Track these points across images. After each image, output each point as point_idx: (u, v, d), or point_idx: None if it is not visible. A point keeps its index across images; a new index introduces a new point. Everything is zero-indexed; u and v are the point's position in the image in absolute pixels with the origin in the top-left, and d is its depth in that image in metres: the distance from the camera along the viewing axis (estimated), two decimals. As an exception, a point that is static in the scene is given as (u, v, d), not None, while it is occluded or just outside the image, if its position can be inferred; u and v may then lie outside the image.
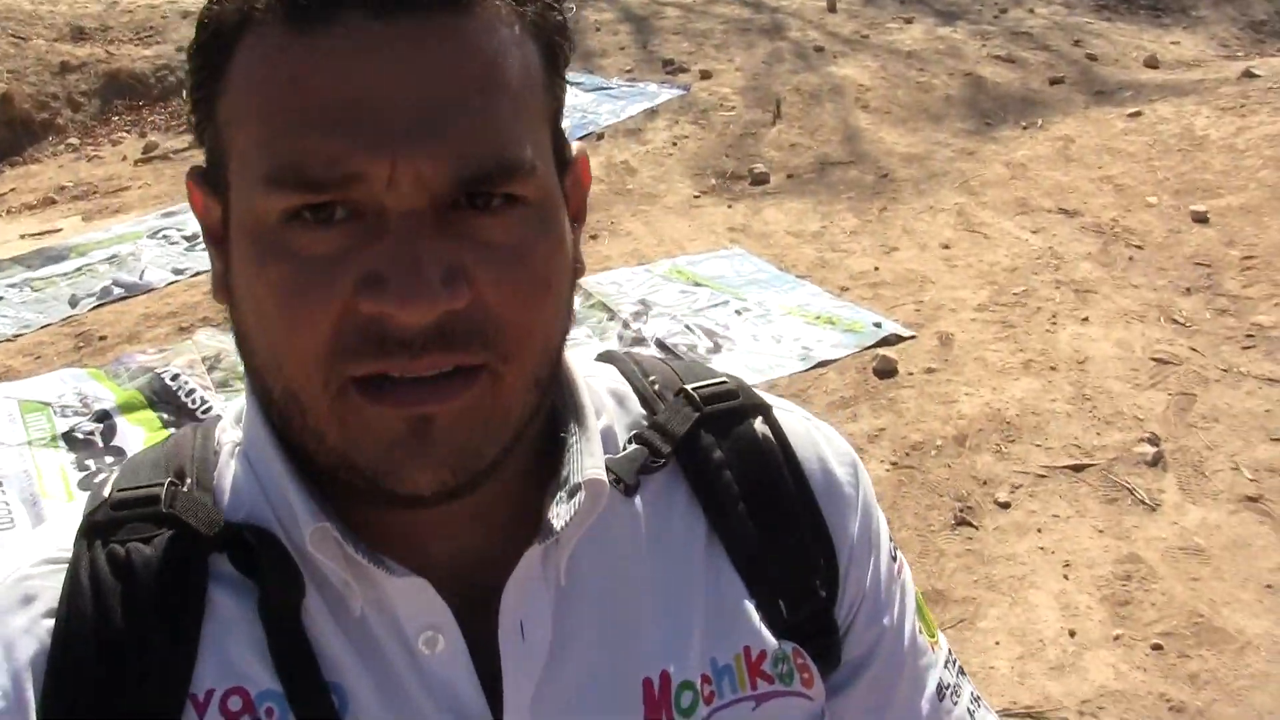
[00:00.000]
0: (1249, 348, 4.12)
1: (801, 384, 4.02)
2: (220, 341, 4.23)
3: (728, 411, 0.72)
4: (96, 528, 0.61)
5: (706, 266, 4.82)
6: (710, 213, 5.63)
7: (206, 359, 4.10)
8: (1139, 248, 4.90)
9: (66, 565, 0.61)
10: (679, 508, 0.70)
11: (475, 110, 0.54)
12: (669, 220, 5.56)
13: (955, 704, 0.76)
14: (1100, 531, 3.23)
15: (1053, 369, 4.03)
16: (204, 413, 3.79)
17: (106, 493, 0.64)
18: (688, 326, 4.31)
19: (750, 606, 0.68)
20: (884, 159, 6.11)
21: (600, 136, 6.46)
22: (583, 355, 0.75)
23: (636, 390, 0.73)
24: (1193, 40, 8.57)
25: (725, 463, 0.70)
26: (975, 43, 7.95)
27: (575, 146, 0.66)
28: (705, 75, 7.32)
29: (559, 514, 0.63)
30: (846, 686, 0.73)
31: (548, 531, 0.63)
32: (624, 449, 0.70)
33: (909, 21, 8.43)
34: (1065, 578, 3.05)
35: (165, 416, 3.77)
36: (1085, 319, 4.33)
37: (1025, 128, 6.52)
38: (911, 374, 4.03)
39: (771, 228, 5.39)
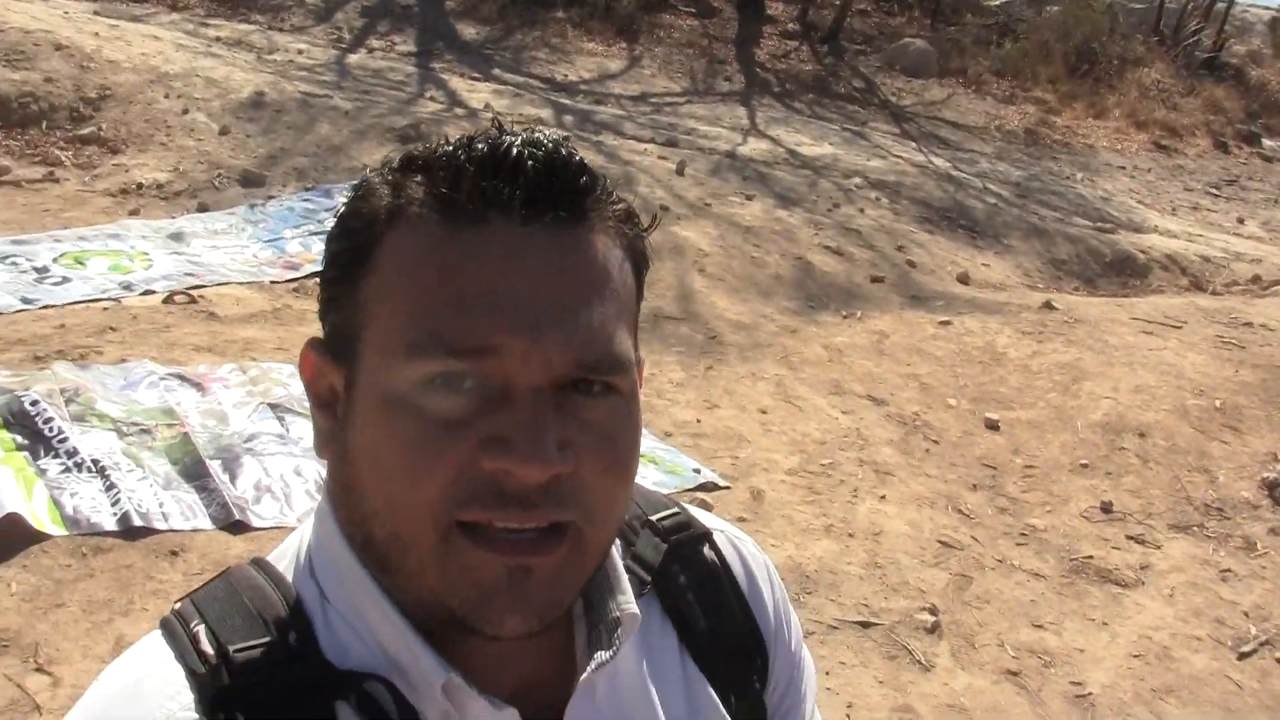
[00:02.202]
0: (1022, 544, 5.98)
1: (627, 509, 5.57)
2: (78, 376, 5.35)
3: (687, 540, 1.12)
4: (229, 691, 0.86)
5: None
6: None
7: (65, 390, 5.21)
8: (935, 442, 6.82)
9: None
10: (656, 626, 1.06)
11: (595, 310, 0.85)
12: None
13: None
14: (880, 682, 4.65)
15: (850, 535, 5.68)
16: (60, 442, 4.85)
17: (208, 649, 0.88)
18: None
19: (716, 700, 1.07)
20: (714, 322, 8.03)
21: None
22: None
23: None
24: (1002, 265, 11.38)
25: (688, 587, 1.09)
26: (809, 230, 10.36)
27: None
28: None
29: (603, 646, 0.95)
30: None
31: (598, 662, 0.94)
32: None
33: (750, 198, 10.88)
34: (847, 718, 4.51)
35: (19, 440, 4.83)
36: (883, 496, 6.09)
37: (845, 317, 8.67)
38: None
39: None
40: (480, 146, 0.87)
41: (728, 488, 5.86)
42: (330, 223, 0.99)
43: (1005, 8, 23.73)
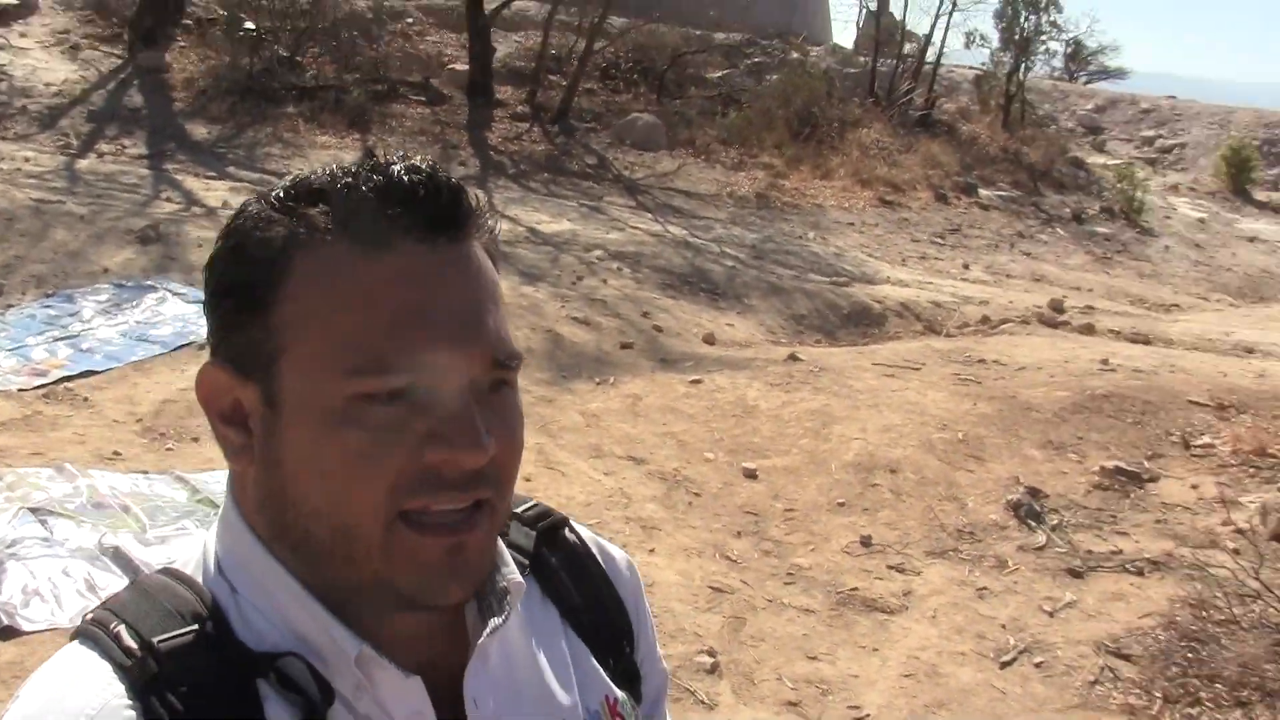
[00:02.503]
0: (789, 583, 6.32)
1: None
2: None
3: (550, 526, 1.27)
4: (160, 678, 0.95)
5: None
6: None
7: None
8: (698, 495, 7.14)
9: (137, 710, 0.94)
10: (537, 605, 1.21)
11: (493, 315, 1.01)
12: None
13: None
14: (666, 725, 5.08)
15: (626, 591, 5.98)
16: None
17: (132, 643, 0.97)
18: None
19: (598, 666, 1.21)
20: (470, 396, 8.18)
21: (202, 347, 8.00)
22: None
23: None
24: (745, 324, 11.98)
25: (559, 567, 1.24)
26: (555, 303, 10.75)
27: None
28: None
29: (495, 611, 1.09)
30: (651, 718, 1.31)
31: (492, 627, 1.08)
32: None
33: None
34: (637, 756, 4.83)
35: None
36: (652, 550, 6.35)
37: (599, 383, 8.99)
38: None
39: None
40: (376, 177, 0.98)
41: (500, 556, 6.03)
42: (76, 327, 1.10)
43: (727, 79, 24.77)
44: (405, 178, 0.98)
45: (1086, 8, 34.03)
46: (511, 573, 1.14)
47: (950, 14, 27.60)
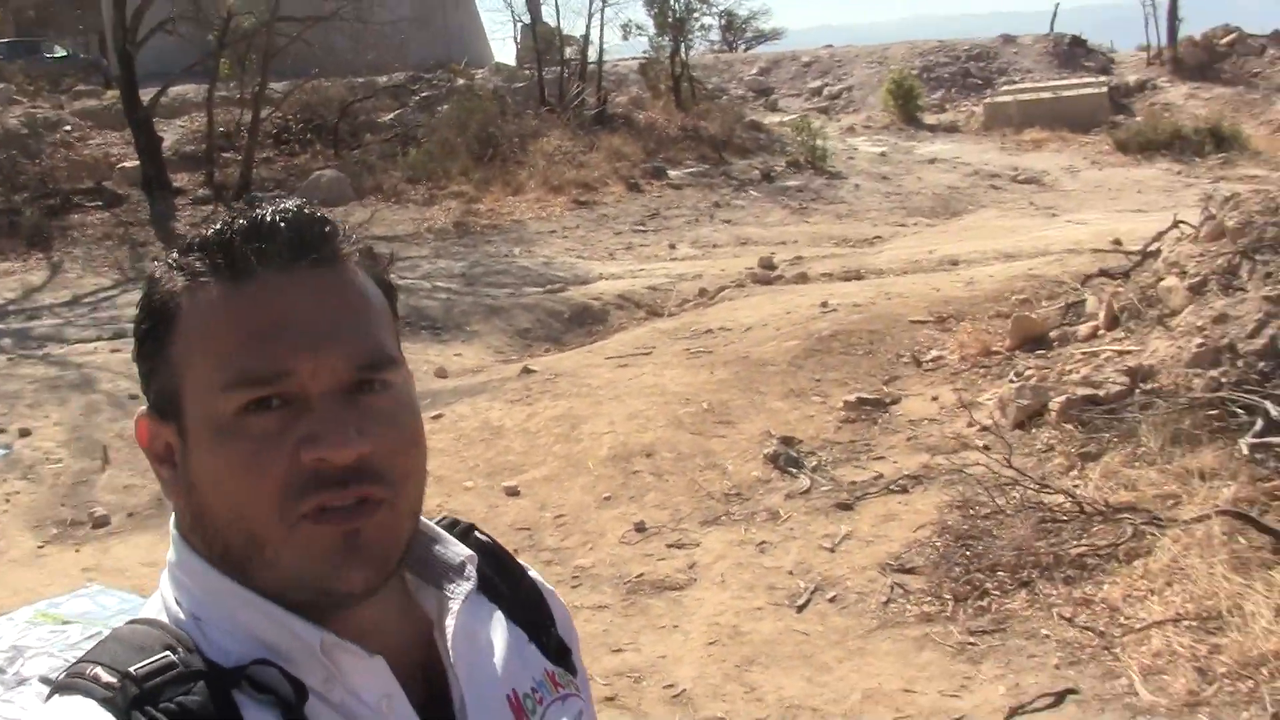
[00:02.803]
0: (577, 586, 6.41)
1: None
2: None
3: (464, 530, 1.36)
4: (141, 698, 1.02)
5: (70, 606, 6.16)
6: (59, 559, 7.17)
7: None
8: (468, 525, 7.20)
9: None
10: (474, 599, 1.27)
11: (358, 324, 1.11)
12: (18, 573, 6.95)
13: None
14: None
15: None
16: None
17: (110, 678, 1.05)
18: (67, 660, 5.69)
19: (534, 646, 1.33)
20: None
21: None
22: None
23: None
24: (472, 350, 12.07)
25: (483, 564, 1.31)
26: None
27: None
28: (25, 433, 9.22)
29: (457, 586, 1.24)
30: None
31: (463, 594, 1.23)
32: None
33: None
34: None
35: None
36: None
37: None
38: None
39: (125, 562, 6.99)
40: (240, 221, 1.11)
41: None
42: None
43: (400, 119, 24.74)
44: (268, 216, 1.11)
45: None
46: (460, 549, 1.27)
47: (603, 10, 28.21)
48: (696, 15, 31.72)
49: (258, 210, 1.13)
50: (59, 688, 1.10)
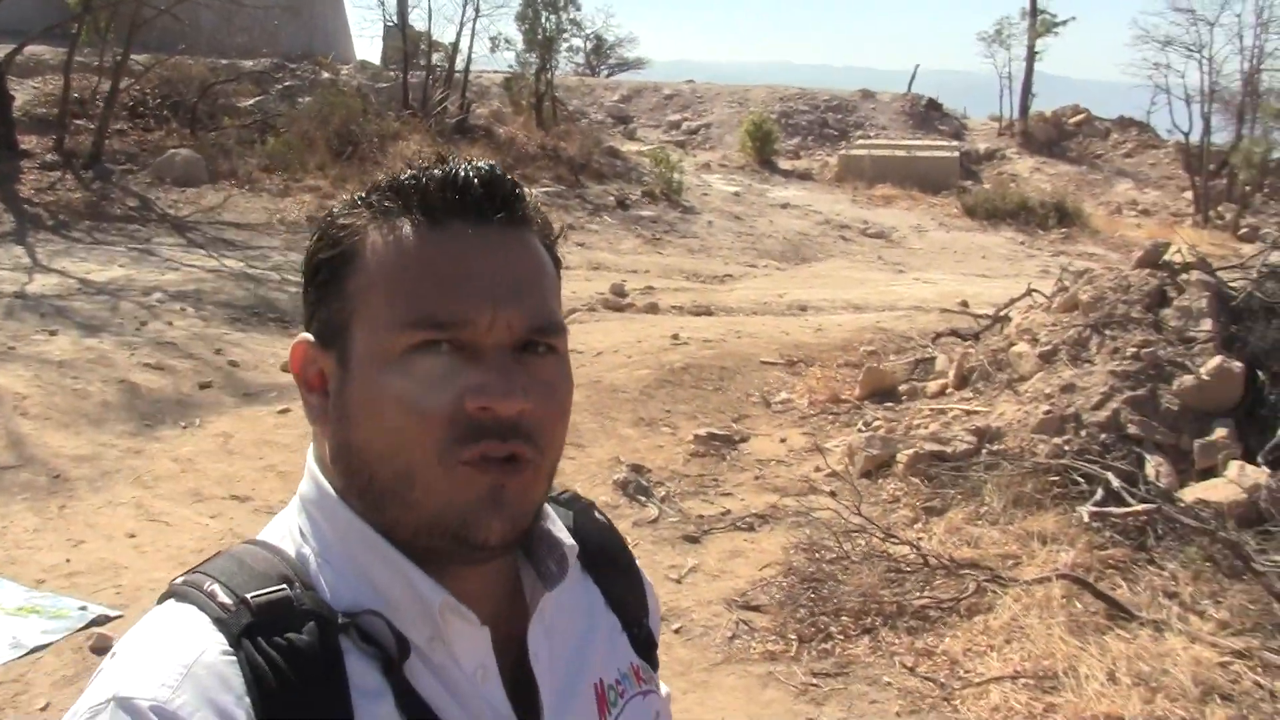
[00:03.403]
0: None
1: (20, 669, 5.34)
2: None
3: (583, 508, 1.41)
4: (254, 627, 1.06)
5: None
6: None
7: None
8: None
9: (237, 658, 1.04)
10: (576, 572, 1.31)
11: (537, 288, 1.16)
12: None
13: None
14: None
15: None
16: None
17: (227, 599, 1.08)
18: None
19: (624, 636, 1.36)
20: (54, 461, 7.80)
21: None
22: None
23: None
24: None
25: (592, 543, 1.36)
26: (124, 352, 10.30)
27: None
28: None
29: (557, 570, 1.26)
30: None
31: (551, 582, 1.24)
32: None
33: (54, 333, 10.70)
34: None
35: None
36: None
37: (185, 427, 8.72)
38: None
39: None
40: (436, 171, 1.15)
41: (120, 616, 5.80)
42: None
43: (260, 106, 24.29)
44: (464, 171, 1.15)
45: (601, 4, 35.47)
46: (566, 536, 1.28)
47: (475, 20, 28.13)
48: (566, 35, 31.82)
49: (451, 163, 1.16)
50: (174, 593, 1.13)
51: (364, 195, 1.19)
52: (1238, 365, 7.66)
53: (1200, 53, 31.10)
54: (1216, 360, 7.68)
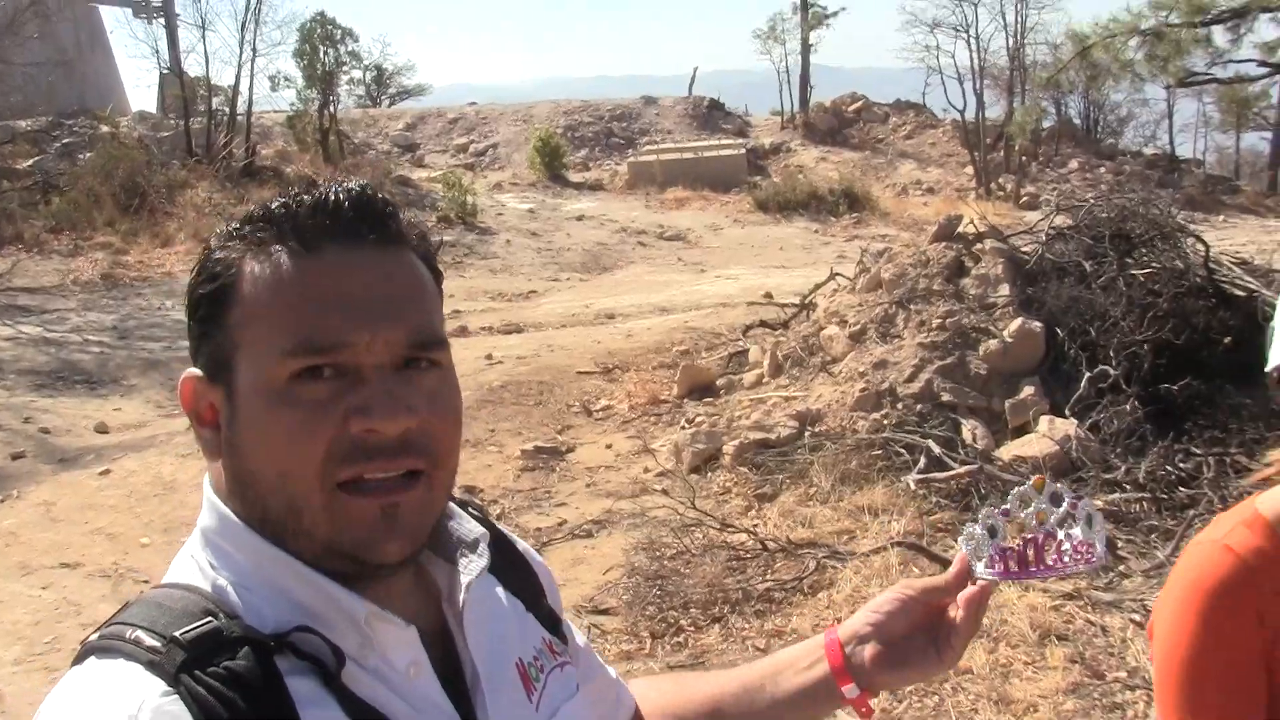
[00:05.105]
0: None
1: None
2: None
3: (462, 504, 1.41)
4: (189, 662, 1.04)
5: None
6: None
7: None
8: (146, 582, 6.93)
9: (179, 694, 1.03)
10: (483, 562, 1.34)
11: (415, 303, 1.17)
12: None
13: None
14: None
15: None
16: None
17: (154, 641, 1.06)
18: None
19: (530, 616, 1.41)
20: None
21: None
22: None
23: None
24: (133, 405, 11.65)
25: (494, 544, 1.36)
26: None
27: None
28: None
29: (470, 562, 1.30)
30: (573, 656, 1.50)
31: (471, 571, 1.28)
32: None
33: None
34: None
35: None
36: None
37: (3, 500, 8.45)
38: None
39: None
40: (306, 197, 1.16)
41: (-34, 704, 5.65)
42: None
43: (39, 166, 23.54)
44: (334, 194, 1.16)
45: (377, 33, 35.25)
46: (476, 526, 1.34)
47: (253, 60, 27.70)
48: (346, 68, 31.59)
49: (321, 188, 1.18)
50: (94, 650, 1.09)
51: (238, 226, 1.20)
52: (1037, 325, 8.05)
53: (967, 32, 32.30)
54: (1017, 322, 8.05)
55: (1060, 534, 1.48)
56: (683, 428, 9.06)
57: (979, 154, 29.93)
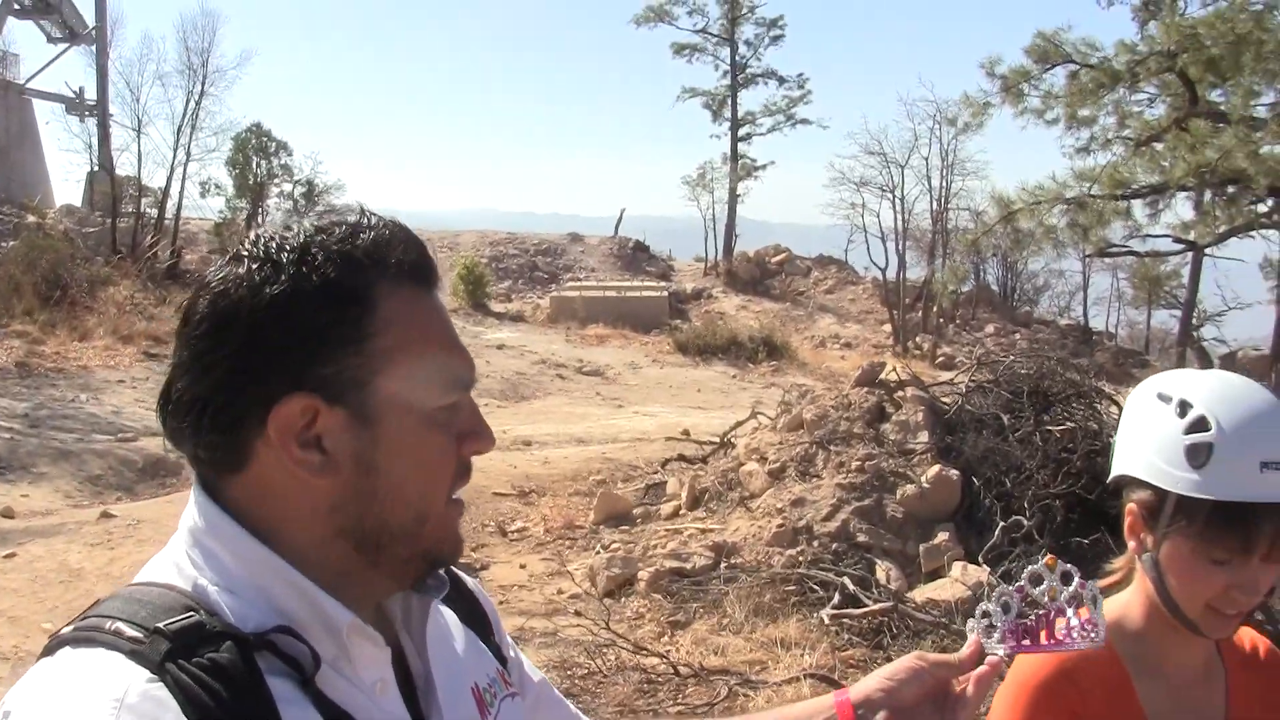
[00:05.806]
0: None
1: None
2: None
3: None
4: (174, 652, 1.06)
5: None
6: None
7: None
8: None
9: (164, 682, 1.04)
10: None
11: None
12: None
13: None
14: None
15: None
16: None
17: (136, 633, 1.08)
18: None
19: (484, 646, 1.47)
20: None
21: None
22: None
23: None
24: (41, 492, 11.53)
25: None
26: None
27: None
28: None
29: (437, 581, 1.36)
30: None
31: (439, 589, 1.35)
32: None
33: None
34: None
35: None
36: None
37: (-98, 579, 8.23)
38: None
39: None
40: (403, 236, 1.26)
41: None
42: None
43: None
44: (415, 237, 1.28)
45: (309, 150, 35.44)
46: None
47: (186, 164, 27.77)
48: (277, 181, 31.73)
49: (384, 227, 1.27)
50: (70, 641, 1.09)
51: (344, 249, 1.21)
52: (954, 473, 8.23)
53: (893, 193, 33.18)
54: (935, 469, 8.23)
55: (1069, 611, 1.57)
56: (598, 553, 9.09)
57: (898, 312, 30.56)
